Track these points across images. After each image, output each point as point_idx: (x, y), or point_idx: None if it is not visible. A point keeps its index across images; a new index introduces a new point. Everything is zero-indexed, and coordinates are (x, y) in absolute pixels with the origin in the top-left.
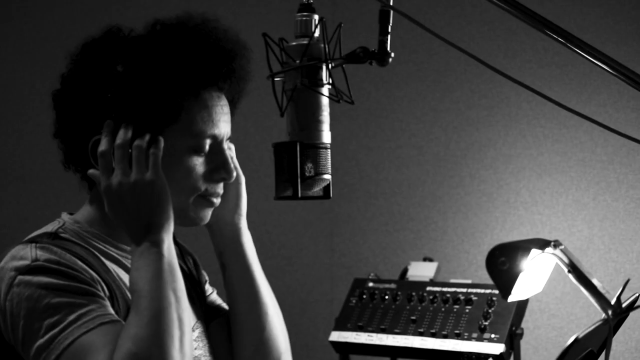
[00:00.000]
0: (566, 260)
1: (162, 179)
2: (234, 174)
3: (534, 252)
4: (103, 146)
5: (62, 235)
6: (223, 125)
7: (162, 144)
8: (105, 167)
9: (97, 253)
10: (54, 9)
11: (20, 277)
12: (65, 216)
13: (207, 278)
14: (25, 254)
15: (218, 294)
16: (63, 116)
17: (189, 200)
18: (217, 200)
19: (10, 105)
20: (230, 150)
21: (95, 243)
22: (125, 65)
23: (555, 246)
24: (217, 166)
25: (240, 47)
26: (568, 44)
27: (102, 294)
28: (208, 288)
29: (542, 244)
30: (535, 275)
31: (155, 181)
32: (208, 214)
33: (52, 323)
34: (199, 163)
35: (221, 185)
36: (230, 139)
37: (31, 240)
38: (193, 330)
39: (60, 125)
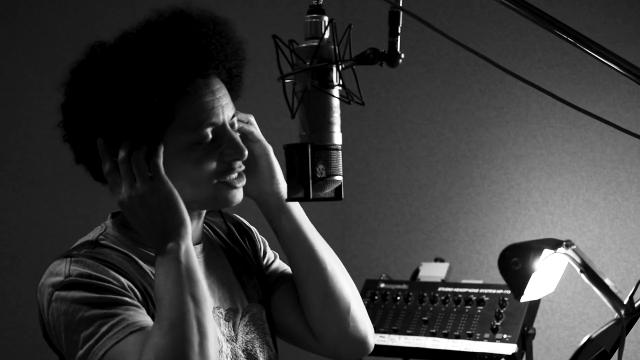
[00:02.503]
0: (578, 260)
1: (167, 184)
2: (245, 151)
3: (546, 252)
4: (105, 167)
5: (102, 242)
6: (219, 111)
7: (161, 150)
8: (114, 184)
9: (136, 258)
10: (66, 10)
11: (56, 293)
12: (108, 221)
13: (267, 247)
14: (60, 269)
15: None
16: (76, 145)
17: (209, 189)
18: (240, 183)
19: (20, 109)
20: (250, 124)
21: (134, 247)
22: (108, 84)
23: (567, 246)
24: (226, 148)
25: (217, 25)
26: (577, 44)
27: (134, 301)
28: (269, 256)
29: (554, 244)
30: (547, 275)
31: (161, 189)
32: (235, 194)
33: (87, 335)
34: (206, 152)
35: (238, 164)
36: (235, 115)
37: (67, 254)
38: (244, 316)
39: (76, 152)
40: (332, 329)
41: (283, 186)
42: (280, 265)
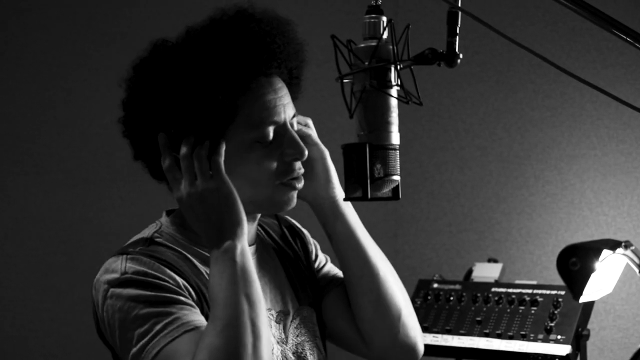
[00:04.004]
0: (637, 261)
1: (227, 184)
2: (305, 151)
3: (605, 252)
4: (165, 162)
5: (157, 240)
6: (281, 110)
7: (223, 148)
8: (173, 180)
9: (190, 256)
10: (123, 10)
11: (112, 290)
12: (163, 218)
13: (318, 250)
14: (116, 266)
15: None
16: (135, 139)
17: (269, 189)
18: (299, 184)
19: (76, 108)
20: (307, 127)
21: (189, 245)
22: (172, 79)
23: (626, 247)
24: (286, 147)
25: (280, 25)
26: (636, 44)
27: (189, 300)
28: (321, 259)
29: (613, 245)
30: (605, 276)
31: (221, 187)
32: (293, 197)
33: (141, 333)
34: (267, 152)
35: (298, 165)
36: (295, 115)
37: (123, 252)
38: (294, 318)
39: (135, 148)
40: (382, 335)
41: (339, 190)
42: (332, 269)
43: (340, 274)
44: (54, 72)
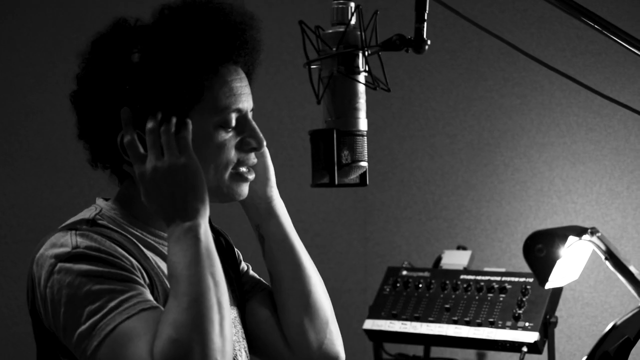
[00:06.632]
0: (603, 247)
1: (195, 162)
2: (264, 142)
3: (571, 239)
4: (127, 136)
5: (100, 222)
6: (245, 98)
7: (190, 126)
8: (135, 155)
9: (134, 240)
10: None
11: (60, 265)
12: (101, 202)
13: (241, 257)
14: (65, 241)
15: (254, 269)
16: (85, 116)
17: (224, 176)
18: (251, 176)
19: (44, 94)
20: None
21: (132, 230)
22: (141, 54)
23: (592, 233)
24: (246, 137)
25: (249, 18)
26: (604, 31)
27: (142, 281)
28: (243, 266)
29: (579, 231)
30: (571, 262)
31: (189, 164)
32: (245, 188)
33: (93, 310)
34: (228, 137)
35: (252, 156)
36: (253, 111)
37: (70, 227)
38: None
39: (83, 126)
40: (310, 340)
41: (276, 190)
42: (255, 275)
43: (263, 281)
44: (22, 58)
